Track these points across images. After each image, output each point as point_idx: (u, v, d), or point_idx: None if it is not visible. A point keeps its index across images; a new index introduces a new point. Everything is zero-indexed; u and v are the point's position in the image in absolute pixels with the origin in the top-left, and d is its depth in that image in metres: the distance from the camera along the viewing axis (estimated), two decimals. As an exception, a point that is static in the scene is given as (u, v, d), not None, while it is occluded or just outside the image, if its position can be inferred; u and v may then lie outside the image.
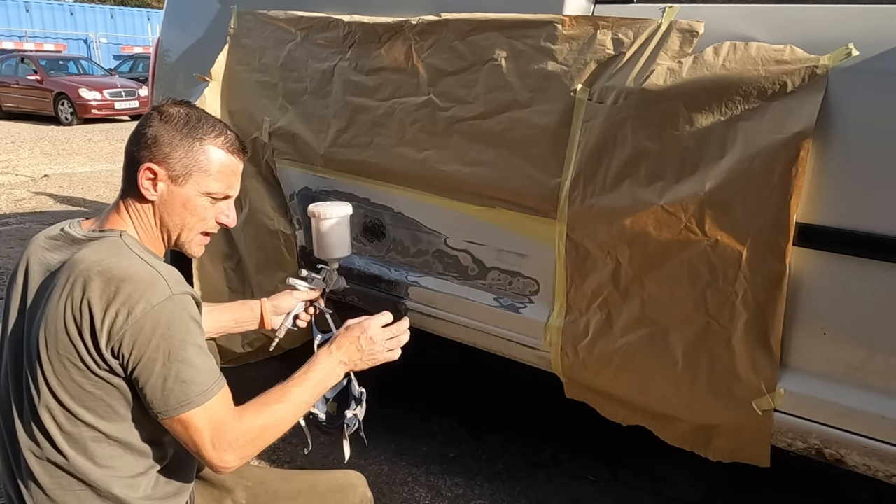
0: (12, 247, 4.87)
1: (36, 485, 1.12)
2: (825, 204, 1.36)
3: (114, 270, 1.09)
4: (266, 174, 2.37)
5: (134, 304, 1.06)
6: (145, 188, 1.19)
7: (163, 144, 1.19)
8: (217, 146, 1.23)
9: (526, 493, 2.21)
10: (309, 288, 1.69)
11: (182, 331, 1.10)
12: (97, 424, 1.11)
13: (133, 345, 1.06)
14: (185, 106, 1.25)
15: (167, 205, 1.21)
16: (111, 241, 1.16)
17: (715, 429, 1.61)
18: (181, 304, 1.11)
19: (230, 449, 1.12)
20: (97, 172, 8.06)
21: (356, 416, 1.55)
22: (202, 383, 1.10)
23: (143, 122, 1.22)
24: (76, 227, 1.22)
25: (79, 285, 1.08)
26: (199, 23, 2.66)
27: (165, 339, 1.08)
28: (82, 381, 1.09)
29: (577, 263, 1.70)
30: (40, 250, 1.20)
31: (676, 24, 1.51)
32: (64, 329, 1.08)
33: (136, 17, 25.27)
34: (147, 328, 1.06)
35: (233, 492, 1.38)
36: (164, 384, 1.08)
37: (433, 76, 1.90)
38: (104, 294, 1.07)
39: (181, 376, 1.08)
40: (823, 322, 1.41)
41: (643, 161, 1.54)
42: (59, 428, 1.11)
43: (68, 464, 1.11)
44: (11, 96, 14.30)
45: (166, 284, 1.11)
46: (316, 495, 1.42)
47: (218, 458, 1.11)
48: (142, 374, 1.08)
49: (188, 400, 1.08)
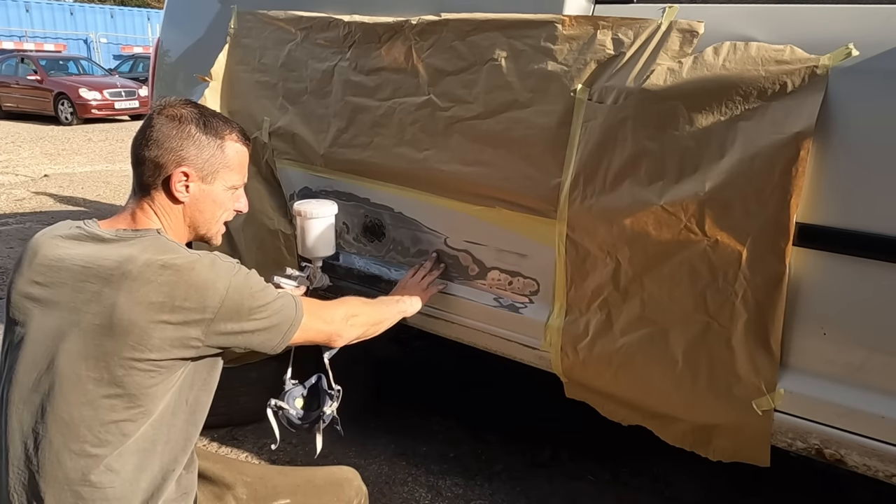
0: (12, 247, 4.87)
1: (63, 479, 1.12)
2: (825, 204, 1.36)
3: (178, 262, 1.15)
4: (266, 174, 2.37)
5: (215, 286, 1.16)
6: (179, 191, 1.24)
7: (189, 147, 1.24)
8: (233, 141, 1.31)
9: (526, 493, 2.22)
10: (294, 286, 1.70)
11: (256, 285, 1.24)
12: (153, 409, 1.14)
13: (230, 319, 1.18)
14: (190, 105, 1.29)
15: (199, 203, 1.28)
16: (154, 238, 1.20)
17: (715, 429, 1.61)
18: (244, 269, 1.24)
19: (342, 322, 1.46)
20: (97, 172, 8.06)
21: (332, 412, 1.60)
22: (288, 305, 1.29)
23: (153, 125, 1.24)
24: (94, 226, 1.23)
25: (146, 279, 1.12)
26: (199, 23, 2.66)
27: (252, 298, 1.21)
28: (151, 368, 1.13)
29: (577, 263, 1.70)
30: (55, 247, 1.19)
31: (676, 24, 1.51)
32: (141, 323, 1.11)
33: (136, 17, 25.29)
34: (236, 300, 1.18)
35: (233, 488, 1.39)
36: (268, 329, 1.25)
37: (433, 76, 1.90)
38: (181, 285, 1.13)
39: (275, 316, 1.26)
40: (823, 322, 1.41)
41: (643, 161, 1.54)
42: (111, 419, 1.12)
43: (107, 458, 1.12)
44: (11, 96, 14.31)
45: (224, 260, 1.22)
46: (313, 489, 1.45)
47: (336, 332, 1.45)
48: (250, 336, 1.22)
49: (290, 322, 1.29)
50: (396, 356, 3.23)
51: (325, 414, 1.59)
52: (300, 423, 1.60)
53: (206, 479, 1.37)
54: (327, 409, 1.59)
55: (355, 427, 1.63)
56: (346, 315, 1.48)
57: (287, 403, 1.60)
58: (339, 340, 1.47)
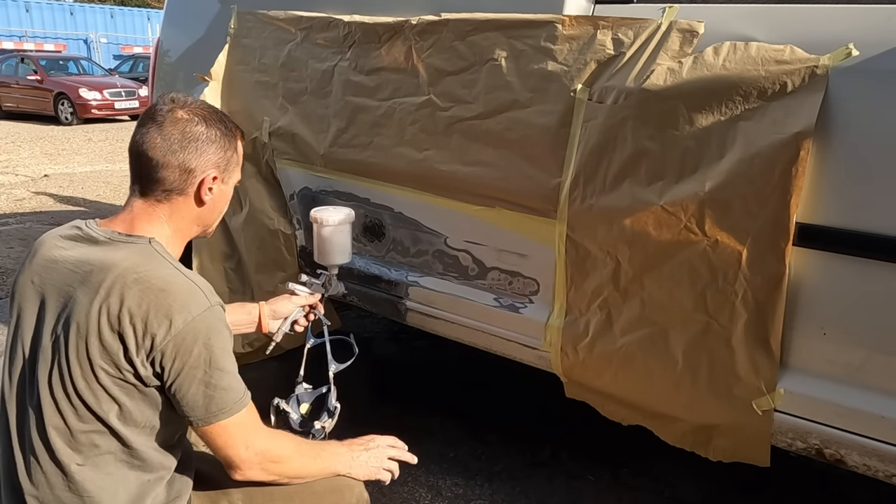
0: (12, 247, 4.87)
1: (46, 486, 1.11)
2: (825, 204, 1.36)
3: (152, 280, 1.10)
4: (266, 174, 2.37)
5: (175, 315, 1.08)
6: (207, 194, 1.21)
7: (218, 150, 1.21)
8: (239, 138, 1.29)
9: (526, 493, 2.21)
10: (308, 293, 1.69)
11: (221, 340, 1.13)
12: (118, 428, 1.11)
13: (175, 355, 1.08)
14: (203, 104, 1.24)
15: (215, 203, 1.25)
16: (142, 247, 1.16)
17: (715, 429, 1.61)
18: (218, 315, 1.14)
19: (259, 455, 1.18)
20: (97, 172, 8.05)
21: (324, 429, 1.57)
22: (238, 389, 1.15)
23: (174, 126, 1.17)
24: (93, 227, 1.20)
25: (115, 292, 1.08)
26: (199, 23, 2.66)
27: (207, 349, 1.10)
28: (109, 386, 1.09)
29: (577, 263, 1.70)
30: (53, 248, 1.18)
31: (676, 24, 1.51)
32: (98, 335, 1.07)
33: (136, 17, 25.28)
34: (189, 339, 1.08)
35: (229, 493, 1.38)
36: (206, 392, 1.11)
37: (433, 76, 1.90)
38: (143, 303, 1.07)
39: (221, 384, 1.12)
40: (823, 322, 1.41)
41: (643, 161, 1.54)
42: (78, 428, 1.10)
43: (81, 470, 1.11)
44: (11, 96, 14.30)
45: (203, 295, 1.13)
46: (312, 496, 1.42)
47: (247, 461, 1.17)
48: (182, 383, 1.10)
49: (227, 406, 1.13)
50: (396, 356, 3.23)
51: (314, 429, 1.56)
52: (298, 430, 1.58)
53: (201, 481, 1.36)
54: (318, 425, 1.56)
55: (355, 427, 1.62)
56: (267, 455, 1.20)
57: (290, 407, 1.58)
58: (238, 473, 1.19)
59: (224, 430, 1.14)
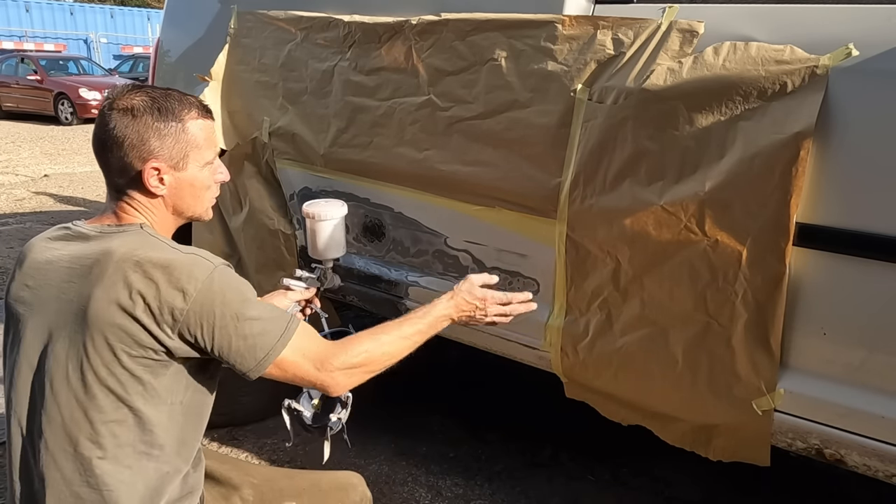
0: (12, 247, 4.87)
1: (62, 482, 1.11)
2: (825, 204, 1.36)
3: (153, 259, 1.11)
4: (266, 174, 2.37)
5: (185, 286, 1.10)
6: (154, 186, 1.19)
7: (151, 140, 1.17)
8: (194, 118, 1.23)
9: (526, 493, 2.22)
10: (304, 288, 1.69)
11: (238, 292, 1.16)
12: (142, 410, 1.12)
13: (201, 322, 1.11)
14: (140, 92, 1.21)
15: (178, 192, 1.23)
16: (135, 233, 1.17)
17: (715, 429, 1.61)
18: (225, 272, 1.16)
19: (337, 370, 1.20)
20: (97, 172, 8.00)
21: (340, 420, 1.56)
22: (276, 329, 1.17)
23: (108, 124, 1.17)
24: (82, 225, 1.21)
25: (120, 277, 1.09)
26: (199, 23, 2.66)
27: (227, 305, 1.13)
28: (133, 367, 1.11)
29: (577, 263, 1.70)
30: (44, 251, 1.19)
31: (676, 24, 1.51)
32: (114, 322, 1.08)
33: (136, 17, 25.29)
34: (206, 304, 1.11)
35: (240, 489, 1.39)
36: (245, 344, 1.14)
37: (433, 76, 1.90)
38: (150, 282, 1.09)
39: (255, 330, 1.14)
40: (823, 322, 1.41)
41: (643, 161, 1.54)
42: (99, 419, 1.11)
43: (101, 463, 1.11)
44: (11, 96, 14.30)
45: (205, 260, 1.15)
46: (319, 493, 1.45)
47: (328, 378, 1.20)
48: (221, 345, 1.13)
49: (270, 347, 1.15)
50: (396, 356, 3.23)
51: (331, 421, 1.56)
52: (311, 426, 1.58)
53: (213, 479, 1.37)
54: (334, 417, 1.56)
55: (355, 427, 1.62)
56: (347, 363, 1.23)
57: (302, 405, 1.58)
58: (332, 391, 1.23)
59: (285, 365, 1.17)
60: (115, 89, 1.21)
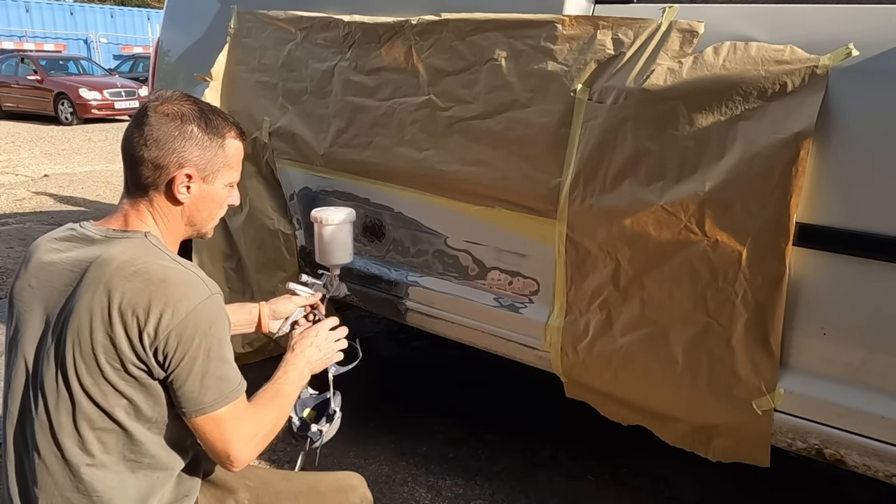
0: (12, 247, 4.87)
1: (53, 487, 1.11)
2: (825, 204, 1.36)
3: (151, 271, 1.10)
4: (266, 174, 2.37)
5: (177, 304, 1.08)
6: (180, 192, 1.19)
7: (192, 148, 1.19)
8: (233, 138, 1.26)
9: (526, 493, 2.21)
10: (309, 293, 1.68)
11: (221, 329, 1.14)
12: (127, 425, 1.11)
13: (178, 344, 1.08)
14: (189, 101, 1.23)
15: (199, 203, 1.23)
16: (138, 241, 1.16)
17: (715, 429, 1.61)
18: (218, 303, 1.14)
19: (252, 443, 1.16)
20: (97, 172, 8.05)
21: (321, 432, 1.55)
22: (234, 378, 1.15)
23: (151, 123, 1.17)
24: (88, 227, 1.21)
25: (116, 285, 1.08)
26: (199, 23, 2.66)
27: (207, 338, 1.10)
28: (116, 381, 1.09)
29: (577, 263, 1.70)
30: (49, 251, 1.18)
31: (676, 24, 1.51)
32: (102, 329, 1.07)
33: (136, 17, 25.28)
34: (191, 327, 1.09)
35: (236, 492, 1.38)
36: (203, 381, 1.10)
37: (433, 76, 1.90)
38: (144, 294, 1.08)
39: (218, 373, 1.12)
40: (823, 322, 1.41)
41: (643, 161, 1.54)
42: (87, 427, 1.10)
43: (90, 470, 1.11)
44: (11, 96, 14.30)
45: (203, 284, 1.13)
46: (317, 495, 1.43)
47: (243, 453, 1.15)
48: (181, 372, 1.10)
49: (223, 396, 1.12)
50: (396, 356, 3.23)
51: (311, 432, 1.55)
52: (298, 435, 1.57)
53: (208, 481, 1.36)
54: (314, 427, 1.55)
55: (355, 427, 1.62)
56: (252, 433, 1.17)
57: (294, 411, 1.56)
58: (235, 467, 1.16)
59: (218, 421, 1.12)
60: (160, 93, 1.22)
